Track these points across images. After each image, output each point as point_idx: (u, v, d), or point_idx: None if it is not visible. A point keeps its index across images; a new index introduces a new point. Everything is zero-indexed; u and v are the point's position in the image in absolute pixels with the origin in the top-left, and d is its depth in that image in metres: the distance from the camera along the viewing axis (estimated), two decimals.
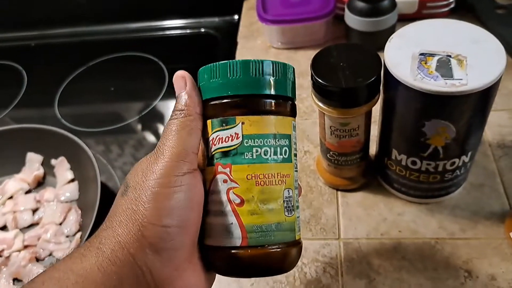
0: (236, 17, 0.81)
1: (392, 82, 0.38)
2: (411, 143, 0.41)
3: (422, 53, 0.38)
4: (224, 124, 0.28)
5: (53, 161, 0.59)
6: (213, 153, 0.29)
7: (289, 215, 0.29)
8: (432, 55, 0.38)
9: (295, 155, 0.31)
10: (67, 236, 0.53)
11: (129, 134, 0.67)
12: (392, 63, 0.38)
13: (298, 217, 0.31)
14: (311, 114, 0.58)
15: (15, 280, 0.50)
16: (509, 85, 0.57)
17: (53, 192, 0.57)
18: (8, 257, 0.52)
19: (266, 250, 0.28)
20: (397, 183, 0.46)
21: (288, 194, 0.30)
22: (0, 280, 0.50)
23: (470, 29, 0.39)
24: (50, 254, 0.52)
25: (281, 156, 0.29)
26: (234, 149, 0.28)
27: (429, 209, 0.46)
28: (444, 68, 0.36)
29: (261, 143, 0.28)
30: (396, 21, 0.62)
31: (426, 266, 0.42)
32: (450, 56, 0.37)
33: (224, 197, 0.28)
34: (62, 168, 0.58)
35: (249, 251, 0.28)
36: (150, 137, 0.67)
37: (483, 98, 0.37)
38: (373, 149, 0.49)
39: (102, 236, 0.26)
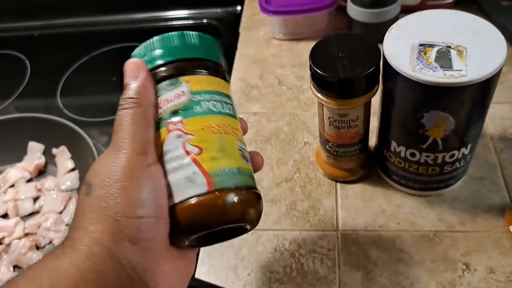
0: (238, 8, 0.80)
1: (391, 72, 0.37)
2: (410, 134, 0.41)
3: (422, 43, 0.38)
4: (168, 86, 0.29)
5: (54, 150, 0.60)
6: (161, 115, 0.29)
7: (246, 163, 0.30)
8: (432, 45, 0.37)
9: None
10: (67, 225, 0.53)
11: None
12: (391, 53, 0.37)
13: (252, 171, 0.31)
14: (311, 106, 0.58)
15: (16, 267, 0.51)
16: None
17: (53, 181, 0.57)
18: (8, 245, 0.52)
19: (234, 191, 0.28)
20: (396, 175, 0.46)
21: (241, 145, 0.31)
22: (0, 267, 0.50)
23: (471, 20, 0.39)
24: (50, 242, 0.52)
25: (228, 111, 0.31)
26: (183, 105, 0.29)
27: (428, 201, 0.46)
28: (444, 59, 0.36)
29: (207, 97, 0.30)
30: (399, 12, 0.62)
31: (424, 258, 0.42)
32: (450, 47, 0.37)
33: (180, 151, 0.28)
34: (63, 157, 0.59)
35: (217, 193, 0.27)
36: None
37: (483, 89, 0.36)
38: (372, 141, 0.49)
39: (74, 236, 0.26)
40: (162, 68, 0.30)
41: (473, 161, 0.47)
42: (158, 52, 0.30)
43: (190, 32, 0.31)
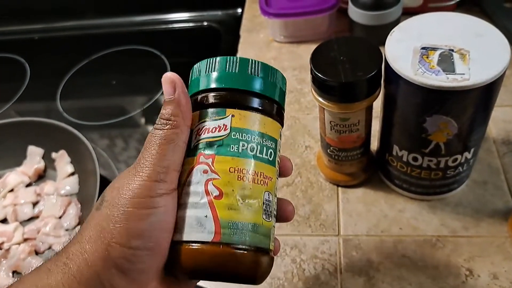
0: (239, 10, 0.80)
1: (392, 76, 0.37)
2: (412, 139, 0.40)
3: (424, 47, 0.37)
4: (213, 115, 0.28)
5: (53, 154, 0.59)
6: (197, 143, 0.28)
7: (267, 220, 0.28)
8: (434, 49, 0.37)
9: (278, 162, 0.31)
10: (67, 230, 0.53)
11: (131, 128, 0.67)
12: (393, 57, 0.37)
13: (274, 226, 0.29)
14: (312, 109, 0.58)
15: (14, 272, 0.50)
16: None
17: (53, 186, 0.57)
18: (7, 250, 0.52)
19: (238, 251, 0.26)
20: (399, 180, 0.45)
21: (268, 198, 0.28)
22: None
23: (474, 22, 0.38)
24: (50, 247, 0.52)
25: (266, 157, 0.29)
26: (220, 139, 0.27)
27: (431, 206, 0.46)
28: (446, 62, 0.36)
29: (248, 138, 0.28)
30: (400, 14, 0.61)
31: (426, 264, 0.42)
32: (452, 50, 0.36)
33: (201, 188, 0.27)
34: (63, 162, 0.58)
35: (220, 247, 0.26)
36: None
37: (486, 93, 0.36)
38: (374, 144, 0.48)
39: (70, 251, 0.25)
40: (212, 94, 0.28)
41: (476, 165, 0.47)
42: (214, 74, 0.28)
43: (257, 61, 0.29)
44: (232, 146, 0.27)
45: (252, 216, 0.27)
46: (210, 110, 0.28)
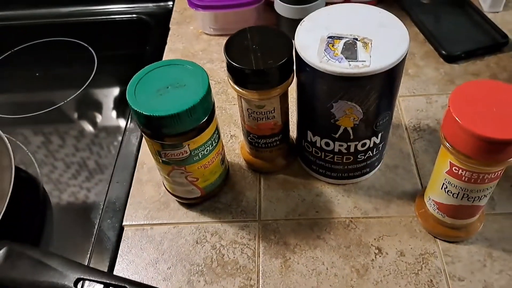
0: (170, 3, 0.79)
1: (301, 64, 0.38)
2: (323, 124, 0.42)
3: (331, 36, 0.39)
4: (175, 147, 0.40)
5: None
6: (168, 160, 0.41)
7: (222, 165, 0.47)
8: (340, 38, 0.39)
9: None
10: None
11: (65, 123, 0.64)
12: (302, 46, 0.38)
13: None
14: None
15: None
16: (429, 72, 0.59)
17: None
18: None
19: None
20: (315, 165, 0.47)
21: (221, 153, 0.46)
22: None
23: (380, 14, 0.41)
24: None
25: (215, 144, 0.43)
26: (185, 158, 0.41)
27: (346, 189, 0.48)
28: (350, 50, 0.37)
29: (202, 148, 0.41)
30: None
31: (339, 244, 0.44)
32: (356, 39, 0.38)
33: (184, 180, 0.44)
34: None
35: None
36: (85, 124, 0.65)
37: (386, 79, 0.38)
38: (295, 131, 0.50)
39: None
40: (169, 137, 0.39)
41: (389, 150, 0.50)
42: (170, 128, 0.37)
43: (191, 107, 0.37)
44: (194, 158, 0.41)
45: (216, 175, 0.46)
46: (171, 144, 0.39)
